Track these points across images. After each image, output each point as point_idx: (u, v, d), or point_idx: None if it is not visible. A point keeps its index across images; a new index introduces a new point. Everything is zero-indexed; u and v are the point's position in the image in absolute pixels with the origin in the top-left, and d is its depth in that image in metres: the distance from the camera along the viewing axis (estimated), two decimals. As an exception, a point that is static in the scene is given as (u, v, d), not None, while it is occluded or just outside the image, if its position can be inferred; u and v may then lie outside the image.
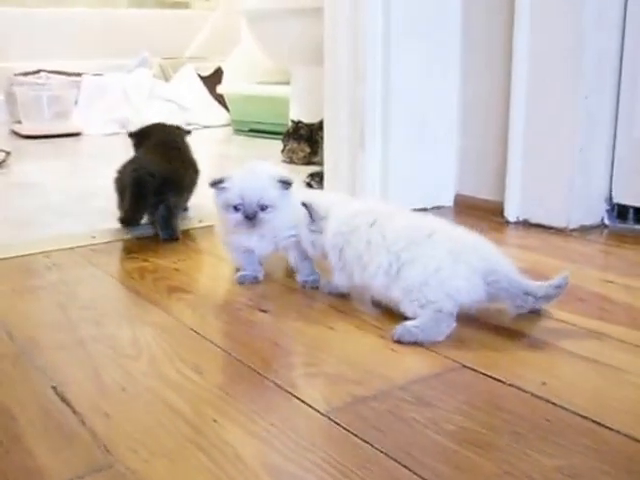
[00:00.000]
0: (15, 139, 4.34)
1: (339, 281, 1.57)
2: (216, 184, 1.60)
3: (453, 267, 1.37)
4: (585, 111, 2.03)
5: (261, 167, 1.67)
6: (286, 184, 1.62)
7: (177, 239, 2.04)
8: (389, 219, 1.49)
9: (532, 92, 2.12)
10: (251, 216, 1.58)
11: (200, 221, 2.20)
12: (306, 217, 1.59)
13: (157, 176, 2.05)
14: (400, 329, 1.35)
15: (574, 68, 2.02)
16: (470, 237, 1.46)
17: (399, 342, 1.34)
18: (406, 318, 1.38)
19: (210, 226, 2.02)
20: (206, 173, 2.18)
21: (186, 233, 2.11)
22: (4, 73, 4.81)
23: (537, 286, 1.40)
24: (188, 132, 2.47)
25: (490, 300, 1.41)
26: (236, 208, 1.58)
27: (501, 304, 1.44)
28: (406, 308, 1.39)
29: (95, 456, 0.97)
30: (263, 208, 1.59)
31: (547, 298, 1.40)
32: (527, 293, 1.38)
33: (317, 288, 1.64)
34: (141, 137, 2.42)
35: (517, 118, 2.15)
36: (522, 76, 2.12)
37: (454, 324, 1.37)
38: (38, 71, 4.84)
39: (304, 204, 1.58)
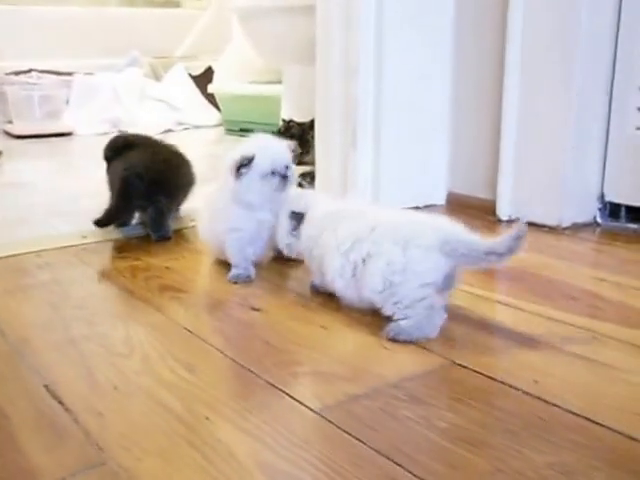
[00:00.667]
0: (7, 139, 4.33)
1: (317, 281, 1.59)
2: (248, 162, 1.66)
3: (406, 255, 1.36)
4: (577, 109, 2.04)
5: (263, 137, 1.77)
6: (290, 146, 1.73)
7: (169, 238, 2.04)
8: (350, 220, 1.50)
9: (524, 90, 2.12)
10: (285, 176, 1.67)
11: (192, 220, 2.19)
12: (291, 224, 1.60)
13: (145, 178, 2.04)
14: (394, 327, 1.35)
15: (566, 66, 2.02)
16: (416, 217, 1.49)
17: (394, 340, 1.34)
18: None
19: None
20: (198, 174, 2.19)
21: (178, 232, 2.11)
22: (-5, 72, 4.80)
23: (497, 243, 1.35)
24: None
25: (457, 269, 1.41)
26: (272, 173, 1.67)
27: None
28: (391, 310, 1.38)
29: (88, 454, 0.97)
30: (288, 167, 1.69)
31: (510, 252, 1.35)
32: (488, 253, 1.35)
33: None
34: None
35: (509, 116, 2.16)
36: (514, 74, 2.13)
37: (445, 315, 1.38)
38: (29, 70, 4.82)
39: (297, 213, 1.59)
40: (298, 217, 1.59)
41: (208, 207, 1.83)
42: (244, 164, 1.66)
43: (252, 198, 1.68)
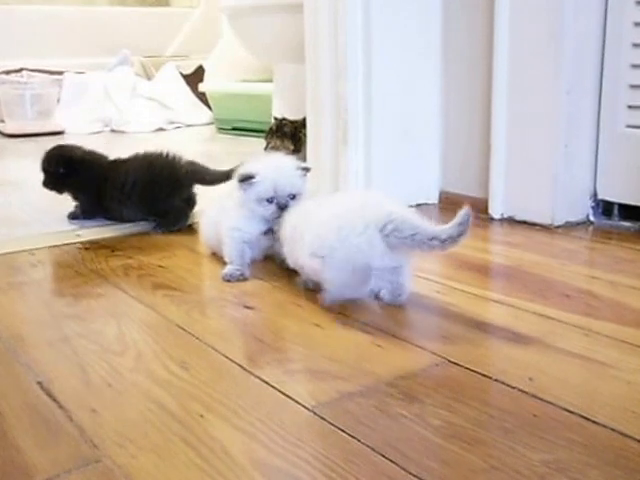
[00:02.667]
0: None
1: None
2: (246, 179, 1.65)
3: (354, 229, 1.41)
4: (567, 107, 2.04)
5: (282, 159, 1.75)
6: (306, 170, 1.71)
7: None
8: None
9: (514, 88, 2.12)
10: (284, 207, 1.65)
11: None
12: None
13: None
14: (325, 295, 1.44)
15: (555, 63, 2.02)
16: (363, 195, 1.57)
17: (332, 303, 1.43)
18: None
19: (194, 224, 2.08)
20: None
21: (172, 232, 2.11)
22: (-14, 72, 4.79)
23: (440, 229, 1.38)
24: None
25: (397, 252, 1.44)
26: (268, 200, 1.65)
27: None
28: (310, 265, 1.46)
29: (82, 451, 0.97)
30: (292, 197, 1.66)
31: (451, 239, 1.38)
32: (432, 238, 1.38)
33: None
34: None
35: (499, 115, 2.16)
36: (503, 73, 2.12)
37: (371, 279, 1.42)
38: (20, 69, 4.82)
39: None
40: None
41: (218, 201, 1.84)
42: (243, 180, 1.65)
43: (251, 210, 1.69)
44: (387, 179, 2.38)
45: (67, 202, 2.31)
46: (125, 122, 4.74)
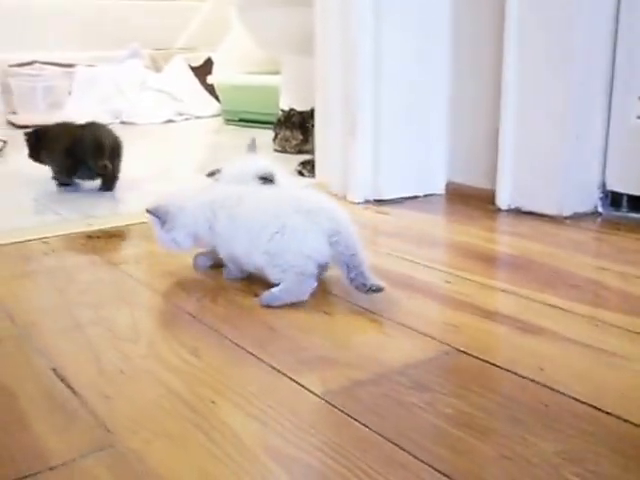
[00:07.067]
0: (11, 129, 4.34)
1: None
2: (212, 174, 1.77)
3: (306, 225, 1.45)
4: (577, 97, 2.04)
5: (246, 163, 1.78)
6: (267, 180, 1.71)
7: None
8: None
9: (524, 79, 2.11)
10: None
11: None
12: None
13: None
14: (267, 295, 1.46)
15: (566, 53, 2.02)
16: (319, 197, 1.56)
17: (268, 307, 1.44)
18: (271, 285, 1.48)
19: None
20: (199, 161, 2.21)
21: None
22: (-1, 64, 4.83)
23: (365, 275, 1.44)
24: None
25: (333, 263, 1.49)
26: None
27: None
28: (270, 273, 1.48)
29: (97, 436, 0.98)
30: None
31: (356, 287, 1.44)
32: (359, 274, 1.43)
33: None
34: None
35: (509, 105, 2.15)
36: (513, 63, 2.12)
37: (315, 284, 1.47)
38: (32, 62, 4.84)
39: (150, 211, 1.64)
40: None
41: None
42: (209, 175, 1.77)
43: None
44: (395, 169, 2.39)
45: (78, 192, 2.33)
46: (135, 114, 4.76)
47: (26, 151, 2.70)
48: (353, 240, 1.46)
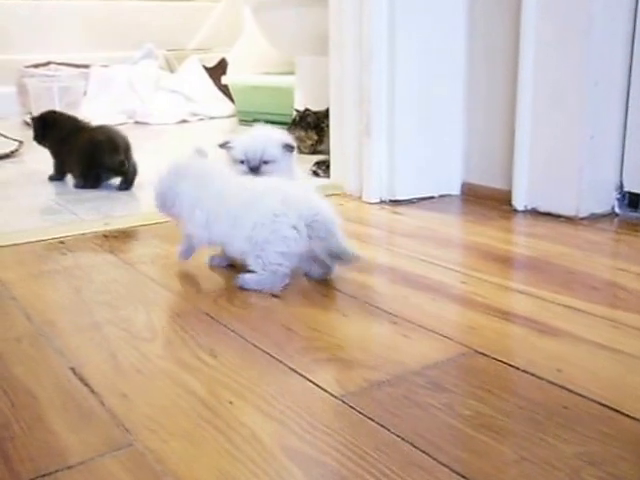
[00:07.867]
0: (27, 129, 4.35)
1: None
2: (223, 145, 1.87)
3: (285, 212, 1.53)
4: (595, 98, 2.03)
5: (268, 131, 1.92)
6: (288, 147, 1.86)
7: None
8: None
9: (540, 78, 2.10)
10: (254, 168, 1.81)
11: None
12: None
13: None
14: (243, 278, 1.56)
15: (583, 53, 2.00)
16: (296, 187, 1.66)
17: (242, 288, 1.55)
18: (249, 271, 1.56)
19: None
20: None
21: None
22: (15, 65, 4.88)
23: (345, 249, 1.53)
24: None
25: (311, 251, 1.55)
26: (242, 162, 1.82)
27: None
28: (251, 262, 1.56)
29: (115, 435, 0.98)
30: (266, 162, 1.82)
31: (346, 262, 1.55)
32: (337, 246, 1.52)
33: None
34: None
35: (524, 105, 2.14)
36: (529, 62, 2.11)
37: (287, 280, 1.56)
38: (48, 63, 4.87)
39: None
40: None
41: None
42: (222, 145, 1.87)
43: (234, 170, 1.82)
44: (410, 170, 2.38)
45: (94, 191, 2.34)
46: (149, 114, 4.78)
47: (44, 152, 2.74)
48: (333, 225, 1.52)
